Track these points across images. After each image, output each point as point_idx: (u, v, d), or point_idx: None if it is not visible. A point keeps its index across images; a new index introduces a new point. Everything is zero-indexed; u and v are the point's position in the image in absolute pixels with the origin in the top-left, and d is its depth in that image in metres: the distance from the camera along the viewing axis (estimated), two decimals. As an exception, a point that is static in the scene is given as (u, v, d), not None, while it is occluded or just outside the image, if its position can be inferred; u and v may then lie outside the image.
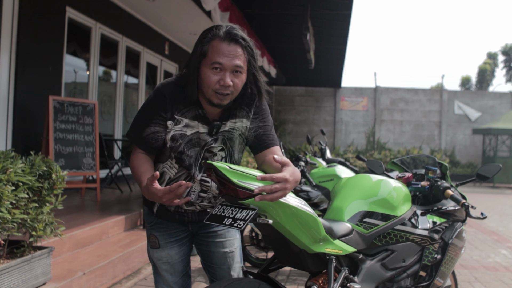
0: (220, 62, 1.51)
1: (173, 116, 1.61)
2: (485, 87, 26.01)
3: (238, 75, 1.55)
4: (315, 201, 3.59)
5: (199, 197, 1.68)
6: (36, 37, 5.03)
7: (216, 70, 1.52)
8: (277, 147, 1.71)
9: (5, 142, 4.69)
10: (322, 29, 8.54)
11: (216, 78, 1.52)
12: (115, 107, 7.32)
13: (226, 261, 1.79)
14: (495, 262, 4.65)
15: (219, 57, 1.51)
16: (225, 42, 1.53)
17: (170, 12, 7.06)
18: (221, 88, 1.53)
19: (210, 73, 1.53)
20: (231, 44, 1.53)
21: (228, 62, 1.51)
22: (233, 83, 1.53)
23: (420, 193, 2.38)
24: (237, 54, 1.53)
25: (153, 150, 1.66)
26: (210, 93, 1.55)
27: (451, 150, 15.33)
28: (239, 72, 1.55)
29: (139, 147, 1.65)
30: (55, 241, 3.04)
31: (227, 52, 1.52)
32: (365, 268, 1.87)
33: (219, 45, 1.52)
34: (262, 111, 1.73)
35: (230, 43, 1.53)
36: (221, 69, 1.52)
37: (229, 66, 1.52)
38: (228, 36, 1.53)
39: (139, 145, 1.65)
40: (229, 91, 1.54)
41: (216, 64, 1.51)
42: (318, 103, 15.57)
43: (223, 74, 1.52)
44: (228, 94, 1.55)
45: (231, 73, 1.53)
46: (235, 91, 1.57)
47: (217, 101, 1.56)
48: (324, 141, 5.65)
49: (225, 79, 1.51)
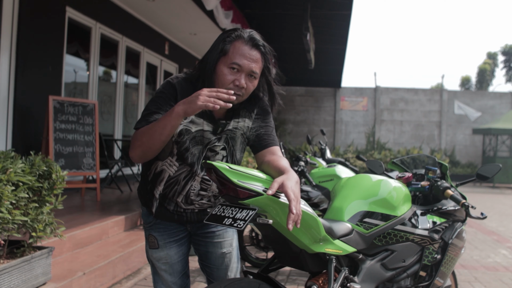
0: (239, 64, 1.56)
1: None
2: (485, 87, 26.00)
3: (252, 80, 1.60)
4: (315, 201, 3.59)
5: (199, 195, 1.69)
6: (36, 37, 5.03)
7: (233, 70, 1.57)
8: (277, 147, 1.72)
9: (5, 142, 4.69)
10: (322, 29, 8.54)
11: (231, 78, 1.56)
12: (115, 107, 7.32)
13: (223, 261, 1.79)
14: (495, 262, 4.65)
15: (239, 58, 1.56)
16: (248, 45, 1.58)
17: (170, 12, 7.06)
18: (235, 88, 1.56)
19: (227, 72, 1.57)
20: (252, 49, 1.58)
21: (247, 65, 1.56)
22: (246, 86, 1.58)
23: (420, 193, 2.38)
24: (256, 60, 1.59)
25: None
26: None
27: (451, 150, 15.33)
28: (253, 77, 1.60)
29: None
30: (55, 241, 3.04)
31: (248, 55, 1.57)
32: (365, 268, 1.87)
33: (242, 47, 1.57)
34: (264, 112, 1.75)
35: (252, 48, 1.58)
36: (239, 70, 1.57)
37: (247, 69, 1.57)
38: (251, 41, 1.59)
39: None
40: (241, 93, 1.58)
41: (235, 64, 1.56)
42: (318, 103, 15.57)
43: (239, 76, 1.56)
44: (239, 95, 1.58)
45: (246, 76, 1.58)
46: (245, 94, 1.61)
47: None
48: (324, 141, 5.65)
49: (240, 80, 1.56)
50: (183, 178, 1.67)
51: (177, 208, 1.72)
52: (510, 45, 27.39)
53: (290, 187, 1.34)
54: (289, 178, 1.38)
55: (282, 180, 1.36)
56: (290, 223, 1.29)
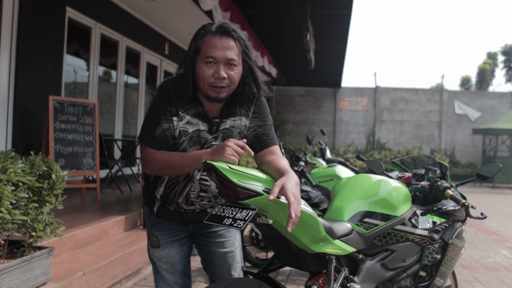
0: (213, 56, 1.54)
1: (177, 112, 1.62)
2: (485, 87, 25.99)
3: (233, 68, 1.58)
4: (315, 201, 3.59)
5: (199, 196, 1.68)
6: (36, 37, 5.03)
7: (210, 64, 1.55)
8: (276, 146, 1.71)
9: (5, 142, 4.69)
10: (322, 29, 8.54)
11: (210, 72, 1.55)
12: (115, 107, 7.32)
13: (226, 261, 1.79)
14: (495, 262, 4.65)
15: (211, 51, 1.54)
16: (217, 36, 1.56)
17: (170, 12, 7.06)
18: (216, 81, 1.55)
19: (204, 68, 1.56)
20: (223, 38, 1.56)
21: (221, 55, 1.54)
22: (228, 75, 1.56)
23: (420, 193, 2.38)
24: (230, 47, 1.56)
25: (170, 147, 1.62)
26: (207, 87, 1.57)
27: (451, 150, 15.33)
28: (233, 64, 1.57)
29: (156, 148, 1.60)
30: (55, 241, 3.04)
31: (220, 45, 1.55)
32: (365, 268, 1.87)
33: (212, 40, 1.56)
34: (261, 110, 1.73)
35: (222, 37, 1.56)
36: (215, 62, 1.55)
37: (222, 59, 1.55)
38: (220, 30, 1.57)
39: (155, 146, 1.60)
40: (224, 84, 1.56)
41: (209, 58, 1.55)
42: (318, 103, 15.56)
43: (217, 68, 1.55)
44: (224, 86, 1.57)
45: (225, 66, 1.56)
46: (231, 84, 1.59)
47: (214, 94, 1.57)
48: (324, 141, 5.65)
49: (219, 72, 1.54)
50: (182, 180, 1.67)
51: (178, 209, 1.72)
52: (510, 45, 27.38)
53: (290, 189, 1.34)
54: (289, 180, 1.38)
55: (282, 182, 1.35)
56: (290, 225, 1.29)
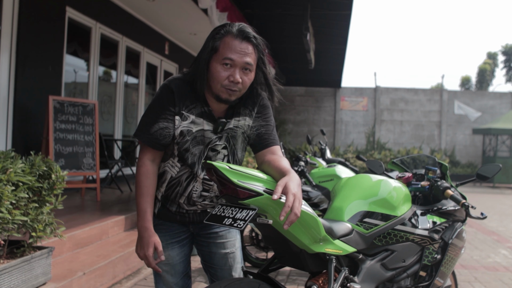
0: (231, 58, 1.53)
1: (181, 111, 1.61)
2: (485, 87, 26.00)
3: (247, 73, 1.57)
4: (315, 201, 3.58)
5: (201, 196, 1.68)
6: (36, 37, 5.03)
7: (226, 66, 1.54)
8: (277, 147, 1.71)
9: (5, 142, 4.69)
10: (322, 29, 8.54)
11: (226, 74, 1.54)
12: (115, 107, 7.32)
13: (227, 261, 1.78)
14: (495, 262, 4.65)
15: (230, 53, 1.53)
16: (238, 39, 1.55)
17: (170, 12, 7.06)
18: (231, 84, 1.54)
19: (220, 69, 1.54)
20: (243, 42, 1.55)
21: (239, 59, 1.53)
22: (242, 80, 1.55)
23: (420, 193, 2.38)
24: (248, 52, 1.55)
25: (161, 147, 1.62)
26: (219, 88, 1.56)
27: (451, 150, 15.33)
28: (248, 69, 1.57)
29: (147, 143, 1.60)
30: (55, 241, 3.04)
31: (239, 49, 1.54)
32: (365, 268, 1.87)
33: (232, 42, 1.54)
34: (265, 110, 1.73)
35: (242, 41, 1.55)
36: (232, 65, 1.54)
37: (240, 63, 1.54)
38: (241, 34, 1.55)
39: (146, 141, 1.60)
40: (237, 88, 1.56)
41: (227, 60, 1.53)
42: (318, 103, 15.57)
43: (233, 71, 1.54)
44: (236, 90, 1.56)
45: (240, 70, 1.55)
46: (243, 89, 1.59)
47: (226, 96, 1.57)
48: (324, 141, 5.65)
49: (235, 76, 1.53)
50: (185, 179, 1.67)
51: (179, 209, 1.71)
52: (510, 45, 27.38)
53: (293, 189, 1.34)
54: (292, 179, 1.38)
55: (285, 182, 1.35)
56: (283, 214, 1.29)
